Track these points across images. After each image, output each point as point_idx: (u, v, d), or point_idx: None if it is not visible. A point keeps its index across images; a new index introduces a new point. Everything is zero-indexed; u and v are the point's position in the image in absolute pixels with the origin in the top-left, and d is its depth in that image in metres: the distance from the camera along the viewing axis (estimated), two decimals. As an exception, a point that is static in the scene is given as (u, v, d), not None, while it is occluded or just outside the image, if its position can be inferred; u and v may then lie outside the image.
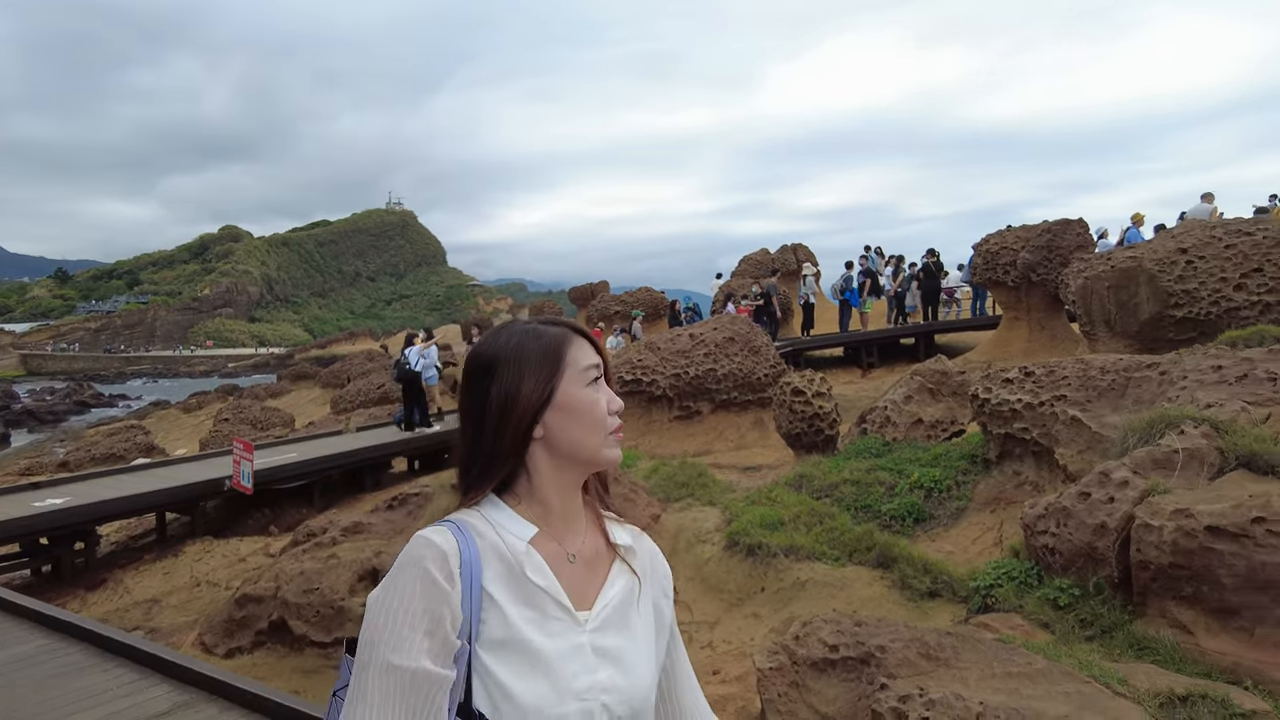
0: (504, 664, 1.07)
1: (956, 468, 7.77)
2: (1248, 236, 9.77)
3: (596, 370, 1.19)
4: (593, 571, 1.19)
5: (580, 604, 1.15)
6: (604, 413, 1.18)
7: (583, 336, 1.22)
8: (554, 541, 1.17)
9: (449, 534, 1.10)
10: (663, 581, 1.27)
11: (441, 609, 1.05)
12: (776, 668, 3.85)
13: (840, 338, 19.22)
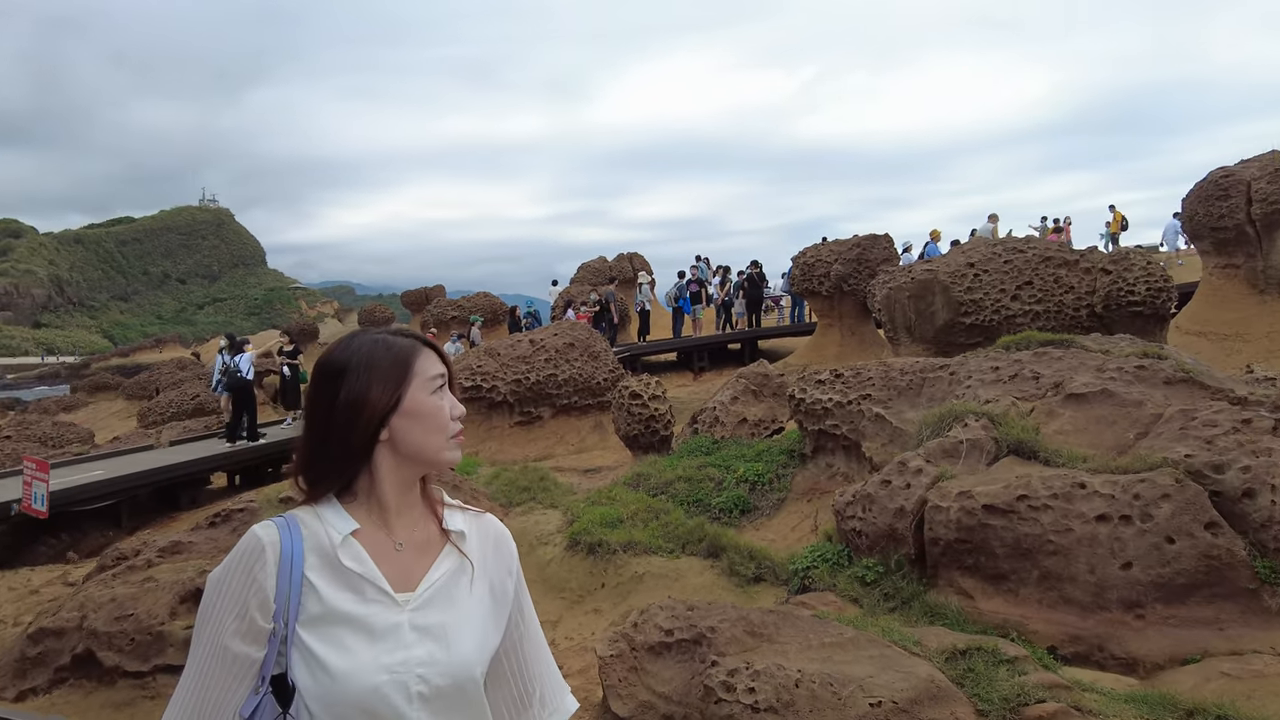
0: (320, 640, 1.21)
1: (777, 462, 8.38)
2: (1021, 254, 11.18)
3: (441, 379, 1.32)
4: (422, 556, 1.31)
5: (404, 586, 1.27)
6: (447, 418, 1.31)
7: (430, 348, 1.35)
8: (382, 532, 1.30)
9: (274, 529, 1.25)
10: (507, 561, 1.38)
11: (252, 597, 1.21)
12: (616, 655, 4.08)
13: (674, 343, 19.97)
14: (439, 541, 1.34)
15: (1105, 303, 10.47)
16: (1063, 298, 10.80)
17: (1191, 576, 4.04)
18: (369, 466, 1.29)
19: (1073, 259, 11.03)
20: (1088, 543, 4.31)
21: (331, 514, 1.29)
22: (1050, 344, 7.03)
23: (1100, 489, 4.42)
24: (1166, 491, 4.27)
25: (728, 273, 21.77)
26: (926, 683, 3.55)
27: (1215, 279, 13.64)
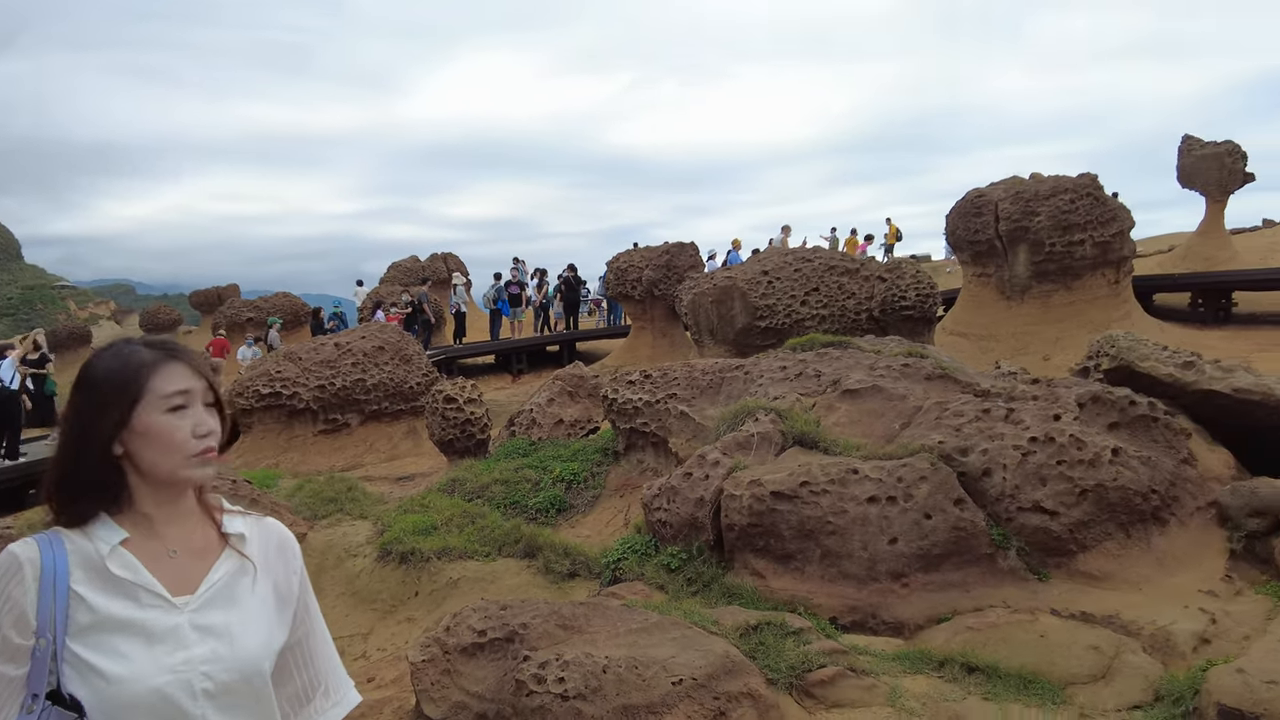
0: (94, 650, 1.23)
1: (592, 460, 8.62)
2: (809, 263, 12.18)
3: (181, 397, 1.31)
4: (200, 560, 1.34)
5: (182, 590, 1.30)
6: (184, 438, 1.30)
7: (178, 361, 1.33)
8: (154, 540, 1.32)
9: (33, 545, 1.26)
10: (290, 561, 1.44)
11: (5, 615, 1.23)
12: (429, 659, 4.08)
13: (492, 345, 19.82)
14: (218, 546, 1.37)
15: (882, 307, 11.65)
16: (845, 303, 11.89)
17: (944, 547, 4.66)
18: (126, 481, 1.31)
19: (854, 268, 12.18)
20: (861, 522, 4.84)
21: (98, 527, 1.30)
22: (831, 345, 7.76)
23: (870, 474, 4.98)
24: (924, 474, 4.88)
25: (545, 275, 21.91)
26: (723, 658, 3.86)
27: (972, 286, 15.52)
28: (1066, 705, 3.57)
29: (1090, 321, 13.93)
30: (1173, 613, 4.00)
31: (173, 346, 1.37)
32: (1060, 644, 3.91)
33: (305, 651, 1.44)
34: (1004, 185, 15.11)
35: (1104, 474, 4.60)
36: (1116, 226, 13.88)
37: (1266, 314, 14.88)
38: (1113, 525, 4.54)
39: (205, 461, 1.33)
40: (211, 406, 1.36)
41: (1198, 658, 3.70)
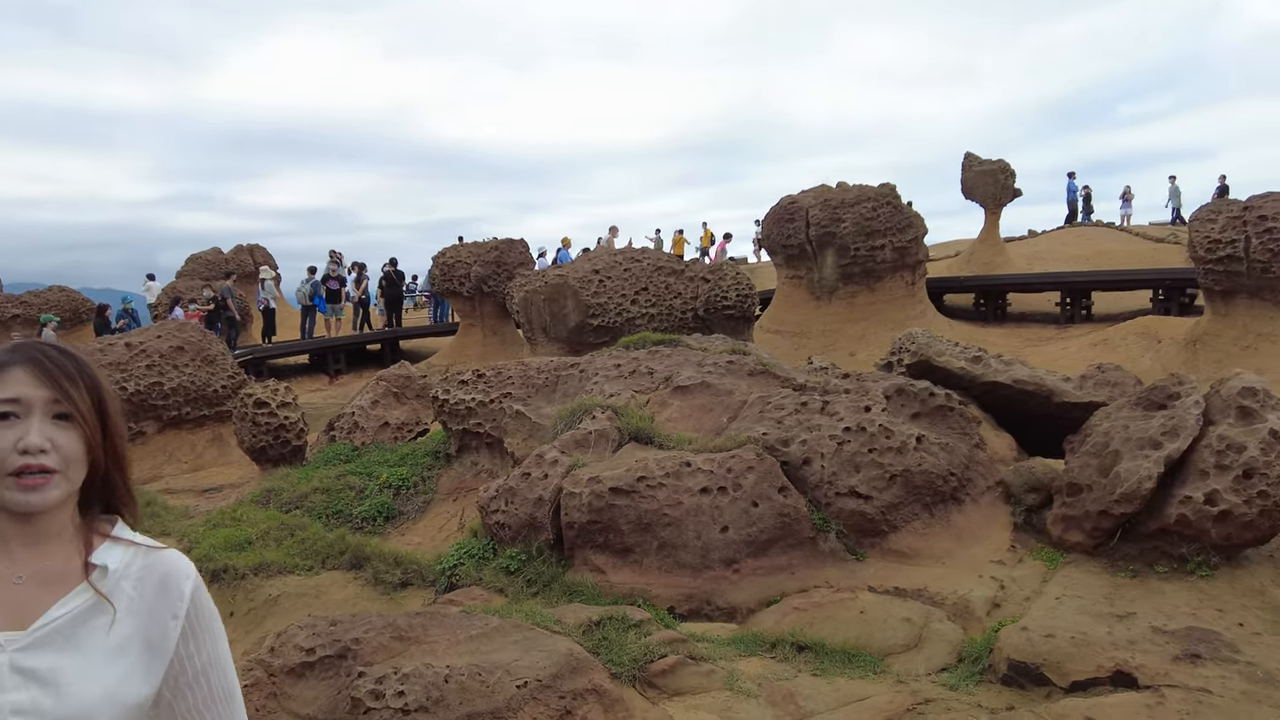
0: None
1: (422, 464, 8.34)
2: (638, 263, 12.45)
3: (9, 405, 1.16)
4: (47, 591, 1.18)
5: (14, 624, 1.15)
6: (1, 450, 1.14)
7: (17, 366, 1.18)
8: (5, 562, 1.17)
9: None
10: (172, 604, 1.22)
11: None
12: (252, 683, 3.79)
13: (306, 344, 18.64)
14: (77, 577, 1.19)
15: (706, 307, 12.12)
16: (672, 302, 12.25)
17: (771, 532, 4.92)
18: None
19: (680, 269, 12.58)
20: (694, 513, 5.01)
21: None
22: (662, 343, 7.97)
23: (702, 466, 5.17)
24: (751, 464, 5.13)
25: (364, 270, 20.89)
26: (566, 657, 3.86)
27: (786, 287, 16.49)
28: (886, 674, 3.88)
29: (890, 320, 15.22)
30: (970, 582, 4.46)
31: (27, 350, 1.19)
32: (878, 618, 4.24)
33: (185, 710, 1.23)
34: (814, 193, 16.18)
35: (910, 460, 5.04)
36: (912, 233, 15.24)
37: (1033, 312, 16.92)
38: (918, 506, 4.99)
39: (28, 487, 1.14)
40: (66, 420, 1.17)
41: (991, 620, 4.15)
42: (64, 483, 1.17)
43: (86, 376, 1.20)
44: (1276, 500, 4.12)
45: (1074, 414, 5.47)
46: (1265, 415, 4.33)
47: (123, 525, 1.26)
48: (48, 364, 1.18)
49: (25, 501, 1.15)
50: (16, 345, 1.22)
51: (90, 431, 1.18)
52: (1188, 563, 4.19)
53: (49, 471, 1.15)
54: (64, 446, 1.16)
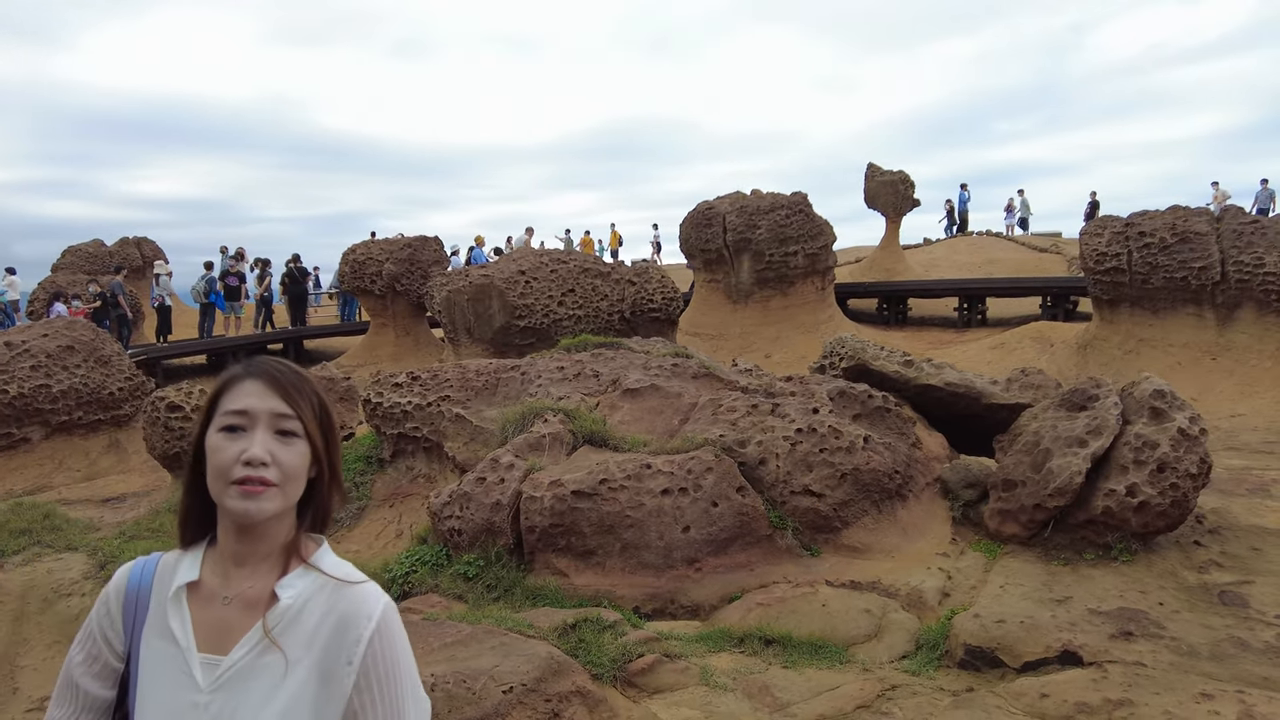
0: (140, 691, 1.21)
1: (353, 470, 8.11)
2: (564, 264, 12.45)
3: (237, 417, 1.18)
4: (246, 615, 1.19)
5: (218, 649, 1.17)
6: (224, 461, 1.16)
7: (252, 378, 1.20)
8: (220, 582, 1.21)
9: (127, 572, 1.26)
10: (347, 649, 1.17)
11: (100, 639, 1.24)
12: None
13: (204, 344, 17.66)
14: (267, 605, 1.19)
15: (632, 309, 12.26)
16: (599, 304, 12.33)
17: (731, 531, 5.09)
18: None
19: (606, 271, 12.66)
20: (656, 514, 5.12)
21: (187, 560, 1.24)
22: (603, 345, 8.05)
23: (662, 468, 5.29)
24: (710, 465, 5.28)
25: (267, 266, 19.98)
26: (548, 660, 3.90)
27: (704, 290, 16.83)
28: (852, 663, 4.10)
29: (802, 323, 15.79)
30: (920, 574, 4.75)
31: (260, 365, 1.22)
32: (839, 611, 4.47)
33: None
34: (730, 199, 16.58)
35: (858, 459, 5.31)
36: (823, 240, 15.85)
37: (933, 317, 17.87)
38: (867, 503, 5.27)
39: (247, 494, 1.15)
40: (290, 435, 1.19)
41: (943, 609, 4.44)
42: (281, 496, 1.18)
43: (312, 394, 1.22)
44: (1185, 491, 4.59)
45: (1000, 415, 5.89)
46: (1173, 415, 4.81)
47: (327, 549, 1.26)
48: (279, 379, 1.20)
49: (243, 509, 1.15)
50: (252, 360, 1.25)
51: (313, 447, 1.21)
52: (1112, 549, 4.61)
53: (269, 484, 1.16)
54: (285, 462, 1.18)
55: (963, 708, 3.61)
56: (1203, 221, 10.52)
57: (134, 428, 11.42)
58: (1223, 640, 3.81)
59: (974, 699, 3.70)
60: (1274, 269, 9.75)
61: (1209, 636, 3.85)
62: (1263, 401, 8.83)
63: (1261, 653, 3.70)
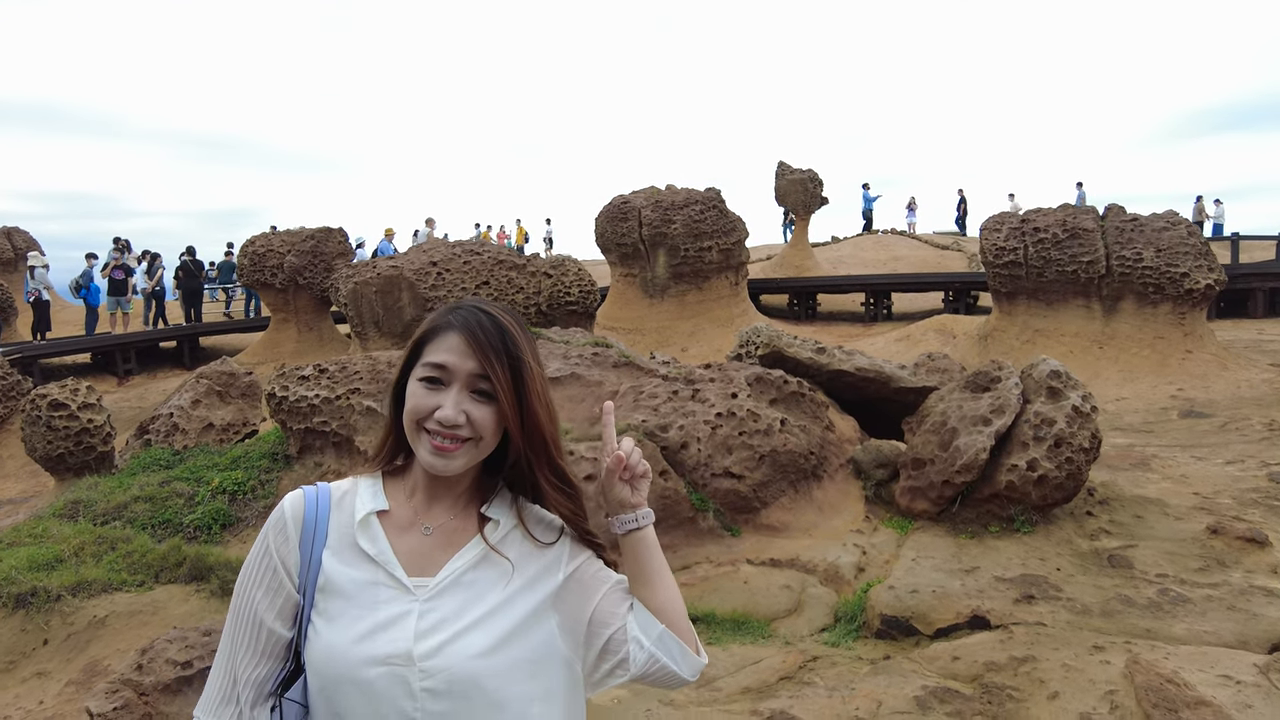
0: (322, 614, 1.19)
1: (259, 467, 7.78)
2: (478, 255, 12.25)
3: (436, 370, 1.20)
4: (449, 542, 1.24)
5: (422, 572, 1.21)
6: (421, 411, 1.19)
7: (455, 333, 1.20)
8: (413, 512, 1.25)
9: (300, 498, 1.24)
10: (552, 556, 1.28)
11: (276, 568, 1.21)
12: (121, 705, 3.44)
13: (88, 342, 16.56)
14: (473, 530, 1.25)
15: (549, 301, 12.17)
16: (515, 297, 12.19)
17: (655, 514, 5.10)
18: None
19: (521, 263, 12.53)
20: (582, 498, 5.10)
21: (368, 489, 1.27)
22: (522, 336, 7.96)
23: (585, 454, 5.26)
24: (632, 451, 5.30)
25: (157, 259, 18.90)
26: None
27: (620, 284, 16.85)
28: (774, 637, 4.19)
29: (717, 318, 16.02)
30: (836, 550, 4.89)
31: (464, 318, 1.20)
32: (760, 588, 4.55)
33: (599, 619, 1.27)
34: (645, 194, 16.66)
35: (776, 441, 5.43)
36: (736, 236, 16.12)
37: (841, 312, 18.44)
38: (785, 483, 5.38)
39: (439, 452, 1.19)
40: (486, 396, 1.20)
41: (859, 583, 4.59)
42: (472, 451, 1.22)
43: (510, 355, 1.20)
44: (1079, 465, 4.88)
45: (908, 398, 6.12)
46: (1068, 394, 5.10)
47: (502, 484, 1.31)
48: (480, 336, 1.20)
49: (433, 465, 1.21)
50: (456, 309, 1.25)
51: (505, 410, 1.21)
52: (1014, 521, 4.86)
53: (460, 441, 1.20)
54: (479, 421, 1.20)
55: (881, 674, 3.74)
56: (1089, 219, 11.21)
57: (9, 430, 10.63)
58: (1111, 599, 4.07)
59: (891, 665, 3.83)
60: (1151, 263, 10.49)
61: (1100, 596, 4.11)
62: (1142, 386, 9.48)
63: (1145, 608, 3.97)
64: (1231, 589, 4.09)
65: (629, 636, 1.27)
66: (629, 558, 1.34)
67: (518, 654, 1.20)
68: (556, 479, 1.29)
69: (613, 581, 1.33)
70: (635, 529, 1.32)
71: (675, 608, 1.32)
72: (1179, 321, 10.44)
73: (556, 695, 1.24)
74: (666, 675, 1.29)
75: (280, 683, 1.21)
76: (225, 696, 1.21)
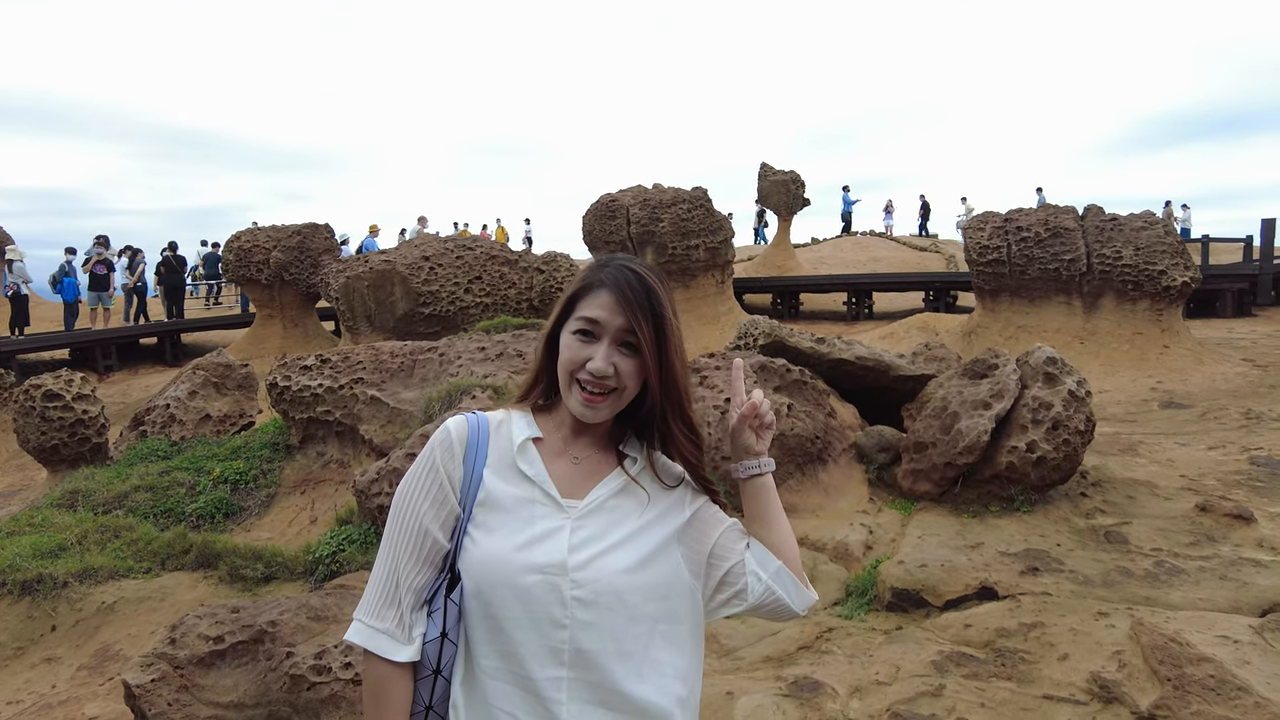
0: (479, 525, 1.30)
1: (260, 457, 7.78)
2: (470, 251, 12.30)
3: (587, 323, 1.30)
4: (594, 471, 1.36)
5: (572, 494, 1.33)
6: (571, 361, 1.31)
7: (606, 290, 1.30)
8: (563, 443, 1.37)
9: (463, 422, 1.37)
10: (679, 495, 1.40)
11: (442, 481, 1.32)
12: (159, 678, 3.49)
13: (67, 337, 16.33)
14: (613, 463, 1.38)
15: (541, 296, 12.24)
16: (507, 291, 12.25)
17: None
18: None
19: (514, 259, 12.58)
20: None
21: (521, 419, 1.39)
22: (523, 327, 8.05)
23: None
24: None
25: (138, 255, 18.67)
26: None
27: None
28: (789, 610, 4.32)
29: (704, 315, 16.17)
30: (844, 529, 5.04)
31: (614, 275, 1.30)
32: (773, 564, 4.69)
33: (719, 553, 1.38)
34: (632, 193, 16.78)
35: (783, 425, 5.57)
36: (723, 235, 16.28)
37: (823, 311, 18.68)
38: (792, 466, 5.52)
39: (588, 402, 1.31)
40: (633, 349, 1.30)
41: (868, 559, 4.74)
42: (616, 401, 1.33)
43: (655, 313, 1.30)
44: (1075, 447, 5.07)
45: (907, 386, 6.29)
46: (1064, 379, 5.30)
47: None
48: (629, 294, 1.30)
49: (584, 414, 1.33)
50: (606, 264, 1.35)
51: (647, 362, 1.30)
52: (1014, 501, 5.04)
53: (609, 391, 1.31)
54: (625, 373, 1.31)
55: (896, 642, 3.89)
56: (1070, 218, 11.50)
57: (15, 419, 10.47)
58: (1111, 571, 4.25)
59: (905, 635, 3.98)
60: (1130, 261, 10.79)
61: (1099, 568, 4.29)
62: (1123, 379, 9.76)
63: (1142, 578, 4.16)
64: (1222, 561, 4.29)
65: (747, 570, 1.38)
66: (750, 500, 1.44)
67: (652, 577, 1.31)
68: (686, 427, 1.39)
69: (730, 522, 1.43)
70: (758, 474, 1.42)
71: (790, 547, 1.43)
72: (1157, 318, 10.76)
73: (681, 618, 1.35)
74: (780, 607, 1.41)
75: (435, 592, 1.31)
76: (388, 599, 1.30)
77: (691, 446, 1.41)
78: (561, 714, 1.25)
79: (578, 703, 1.26)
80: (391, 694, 1.28)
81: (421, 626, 1.30)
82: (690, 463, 1.42)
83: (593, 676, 1.26)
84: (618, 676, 1.26)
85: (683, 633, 1.36)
